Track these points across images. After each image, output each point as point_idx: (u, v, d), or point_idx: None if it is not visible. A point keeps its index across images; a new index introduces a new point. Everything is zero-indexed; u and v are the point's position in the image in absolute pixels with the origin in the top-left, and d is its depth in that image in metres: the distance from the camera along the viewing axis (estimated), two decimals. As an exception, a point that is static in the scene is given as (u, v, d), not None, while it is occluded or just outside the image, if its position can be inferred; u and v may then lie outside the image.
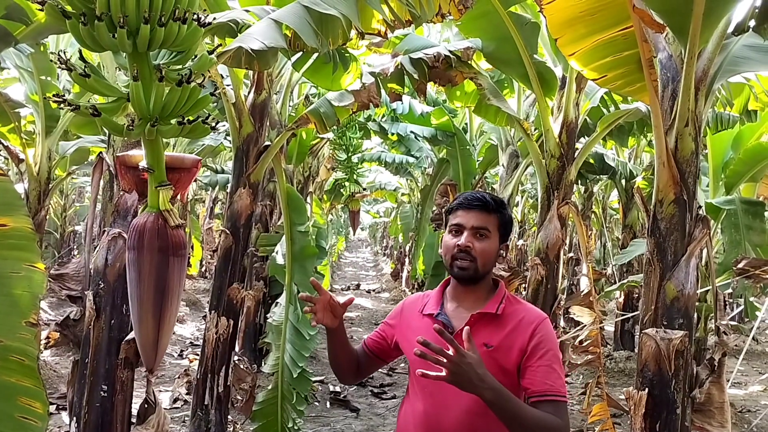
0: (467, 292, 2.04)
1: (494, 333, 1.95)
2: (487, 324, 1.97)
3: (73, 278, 3.72)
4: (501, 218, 2.04)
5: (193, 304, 11.74)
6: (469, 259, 1.98)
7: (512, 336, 1.94)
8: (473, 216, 2.00)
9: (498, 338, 1.94)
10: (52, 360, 6.63)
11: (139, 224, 1.66)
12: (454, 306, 2.05)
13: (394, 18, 3.61)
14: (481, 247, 1.99)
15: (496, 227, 2.03)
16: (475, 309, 2.00)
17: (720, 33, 3.28)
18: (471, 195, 2.06)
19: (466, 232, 1.99)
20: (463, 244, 1.98)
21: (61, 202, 13.43)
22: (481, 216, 2.00)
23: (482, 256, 1.98)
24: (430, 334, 1.79)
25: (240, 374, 4.94)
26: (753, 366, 9.74)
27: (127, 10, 1.58)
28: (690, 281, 3.26)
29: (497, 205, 2.05)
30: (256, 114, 4.85)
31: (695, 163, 3.32)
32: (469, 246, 1.97)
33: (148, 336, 1.68)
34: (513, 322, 1.97)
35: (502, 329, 1.96)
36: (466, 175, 8.92)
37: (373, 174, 14.86)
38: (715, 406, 3.56)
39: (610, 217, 13.78)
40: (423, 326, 2.03)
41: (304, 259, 5.01)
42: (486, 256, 1.99)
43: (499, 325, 1.97)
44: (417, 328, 2.03)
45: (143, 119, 1.66)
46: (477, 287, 2.04)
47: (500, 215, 2.04)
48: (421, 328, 2.02)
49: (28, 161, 6.94)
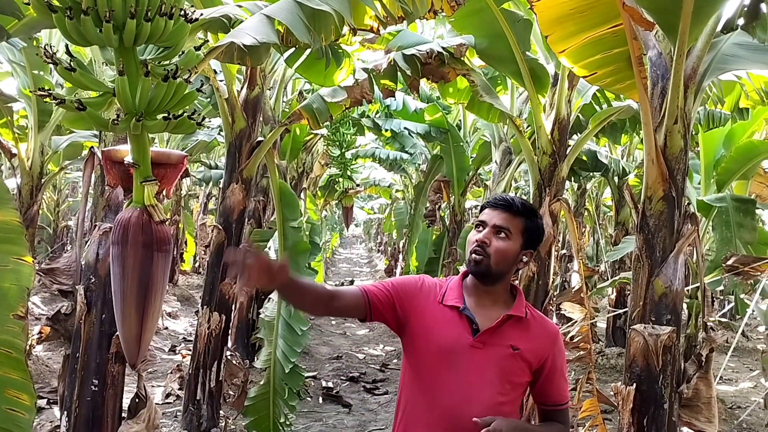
0: (486, 291, 2.05)
1: (521, 336, 2.01)
2: (514, 326, 2.02)
3: (64, 273, 3.72)
4: (527, 223, 2.05)
5: (186, 299, 11.72)
6: (482, 254, 1.99)
7: (537, 343, 2.03)
8: (497, 215, 2.02)
9: (524, 342, 2.00)
10: (43, 355, 6.62)
11: (123, 219, 1.67)
12: (475, 303, 2.05)
13: (387, 14, 3.62)
14: (498, 245, 2.00)
15: (519, 231, 2.03)
16: (495, 308, 2.03)
17: (709, 31, 3.29)
18: (499, 195, 2.11)
19: (487, 229, 2.01)
20: (481, 239, 2.00)
21: (54, 197, 13.38)
22: (505, 216, 2.02)
23: (496, 253, 1.99)
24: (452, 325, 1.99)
25: (232, 369, 4.95)
26: (744, 363, 9.79)
27: (113, 4, 1.59)
28: (678, 277, 3.28)
29: (524, 209, 2.06)
30: (248, 109, 4.86)
31: (684, 161, 3.34)
32: (485, 242, 1.99)
33: (131, 331, 1.68)
34: (537, 330, 2.06)
35: (528, 334, 2.02)
36: (460, 171, 8.95)
37: (367, 170, 14.85)
38: (702, 401, 3.58)
39: (603, 214, 13.81)
40: (444, 316, 2.03)
41: (297, 255, 5.03)
42: (500, 255, 2.00)
43: (525, 329, 2.03)
44: (437, 318, 2.03)
45: (129, 114, 1.66)
46: (494, 288, 2.06)
47: (527, 220, 2.05)
48: (444, 318, 2.02)
49: (21, 156, 6.92)
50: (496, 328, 1.98)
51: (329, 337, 10.18)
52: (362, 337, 10.36)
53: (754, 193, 7.20)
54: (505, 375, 1.96)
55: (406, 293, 2.09)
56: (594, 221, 12.13)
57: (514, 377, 1.98)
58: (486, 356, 1.96)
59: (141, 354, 1.71)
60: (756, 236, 5.56)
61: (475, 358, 1.95)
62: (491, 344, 1.97)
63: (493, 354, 1.96)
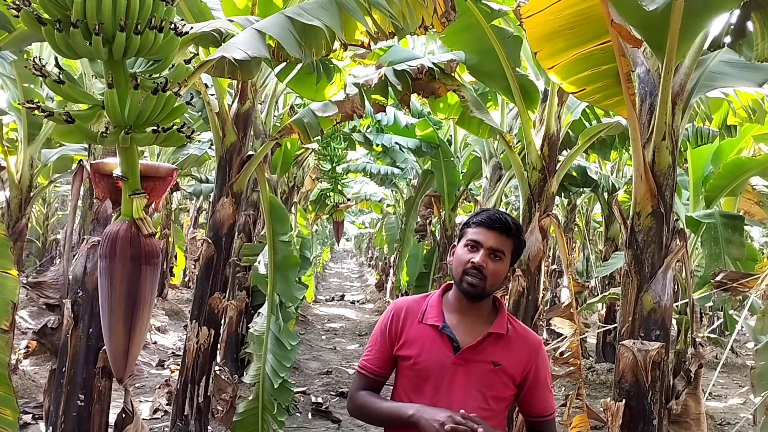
0: (471, 308, 2.08)
1: (502, 352, 2.04)
2: (495, 342, 2.05)
3: (52, 286, 3.68)
4: (516, 243, 2.09)
5: (175, 313, 11.63)
6: (480, 278, 2.00)
7: (519, 356, 2.06)
8: (493, 237, 2.03)
9: (506, 357, 2.03)
10: (30, 369, 6.56)
11: (111, 232, 1.65)
12: (456, 319, 2.07)
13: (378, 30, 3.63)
14: (494, 268, 2.02)
15: (510, 251, 2.07)
16: (477, 325, 2.06)
17: (697, 48, 3.33)
18: (494, 215, 2.09)
19: (483, 251, 2.02)
20: (478, 263, 2.00)
21: (44, 211, 13.30)
22: (500, 239, 2.04)
23: (493, 276, 2.01)
24: (433, 344, 2.02)
25: (221, 384, 4.91)
26: (733, 379, 9.80)
27: (102, 17, 1.59)
28: (667, 293, 3.29)
29: (516, 230, 2.09)
30: (239, 123, 4.85)
31: (672, 176, 3.36)
32: (483, 265, 2.00)
33: (118, 345, 1.66)
34: (519, 343, 2.08)
35: (509, 349, 2.05)
36: (451, 186, 8.97)
37: (358, 185, 14.86)
38: (691, 417, 3.58)
39: (593, 230, 13.86)
40: (426, 336, 2.06)
41: (287, 269, 5.01)
42: (496, 278, 2.03)
43: (506, 344, 2.06)
44: (419, 338, 2.06)
45: (118, 127, 1.66)
46: (481, 304, 2.08)
47: (516, 240, 2.08)
48: (425, 338, 2.05)
49: (10, 169, 6.88)
50: (477, 346, 2.01)
51: (319, 352, 10.12)
52: (352, 353, 10.30)
53: (742, 209, 7.25)
54: (487, 390, 2.00)
55: (390, 337, 2.13)
56: (584, 237, 12.17)
57: (496, 392, 2.02)
58: (468, 373, 1.99)
59: (128, 369, 1.69)
60: (744, 252, 5.59)
61: (458, 375, 1.99)
62: (473, 361, 2.00)
63: (475, 370, 2.00)
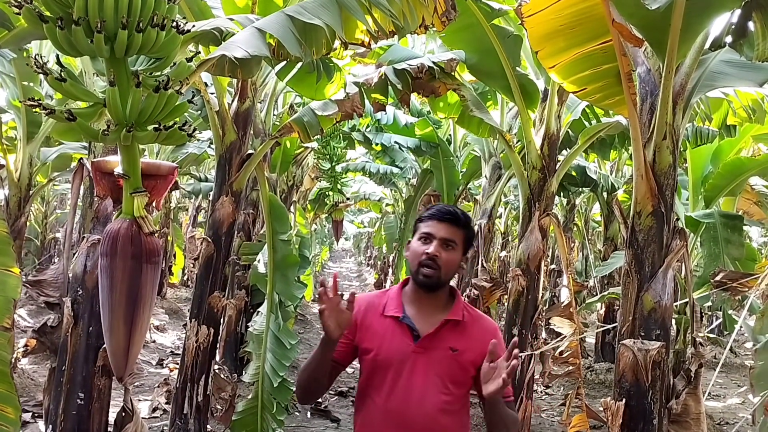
0: (428, 297, 2.17)
1: (459, 338, 2.13)
2: (453, 329, 2.14)
3: (51, 285, 3.68)
4: (467, 233, 2.19)
5: (174, 312, 11.62)
6: (434, 267, 2.09)
7: (476, 341, 2.12)
8: (444, 228, 2.13)
9: (463, 343, 2.12)
10: (29, 368, 6.55)
11: (112, 230, 1.65)
12: (415, 310, 2.16)
13: (378, 29, 3.63)
14: (447, 257, 2.11)
15: (461, 241, 2.17)
16: (435, 314, 2.15)
17: (698, 48, 3.33)
18: (444, 208, 2.21)
19: (435, 242, 2.11)
20: (432, 253, 2.09)
21: (42, 209, 13.28)
22: (451, 229, 2.14)
23: (446, 265, 2.11)
24: (393, 335, 2.11)
25: (220, 383, 4.91)
26: (732, 379, 9.81)
27: (104, 15, 1.58)
28: (667, 293, 3.29)
29: (466, 220, 2.19)
30: (239, 122, 4.85)
31: (673, 176, 3.36)
32: (436, 255, 2.09)
33: (119, 344, 1.66)
34: (475, 329, 2.18)
35: (466, 335, 2.14)
36: (450, 186, 8.96)
37: (357, 184, 14.85)
38: (691, 417, 3.58)
39: (593, 230, 13.86)
40: (387, 327, 2.14)
41: (286, 268, 5.01)
42: (450, 266, 2.13)
43: (463, 331, 2.15)
44: (379, 330, 2.14)
45: (119, 125, 1.65)
46: (437, 294, 2.17)
47: (467, 230, 2.19)
48: (386, 329, 2.14)
49: (9, 167, 6.88)
50: (435, 333, 2.11)
51: (318, 352, 10.10)
52: (351, 352, 10.29)
53: (741, 209, 7.26)
54: (447, 375, 2.09)
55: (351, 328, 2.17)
56: (583, 236, 12.17)
57: (456, 377, 2.10)
58: (428, 360, 2.09)
59: (128, 367, 1.69)
60: (743, 252, 5.60)
61: (418, 363, 2.08)
62: (432, 348, 2.10)
63: (434, 357, 2.09)
